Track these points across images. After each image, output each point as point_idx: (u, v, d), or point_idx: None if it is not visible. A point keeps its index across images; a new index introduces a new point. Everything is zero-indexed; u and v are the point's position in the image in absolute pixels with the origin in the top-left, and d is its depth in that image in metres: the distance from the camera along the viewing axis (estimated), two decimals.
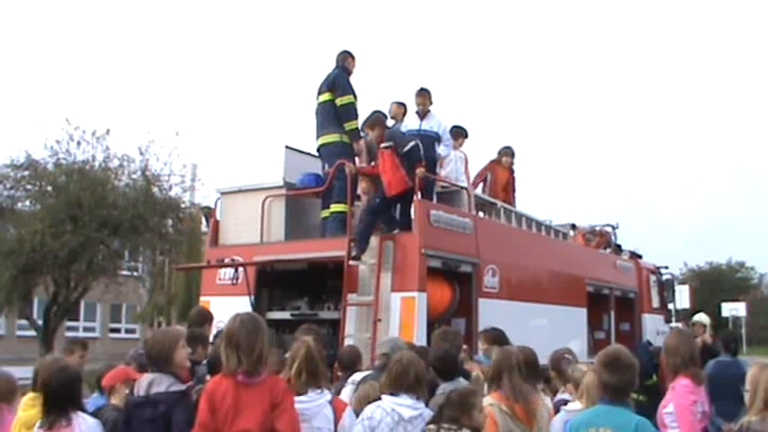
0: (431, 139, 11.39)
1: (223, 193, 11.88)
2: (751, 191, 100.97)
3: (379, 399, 5.92)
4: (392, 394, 5.83)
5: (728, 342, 10.93)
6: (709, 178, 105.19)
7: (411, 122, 11.49)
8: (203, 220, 16.65)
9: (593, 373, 6.12)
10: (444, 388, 6.70)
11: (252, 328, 5.18)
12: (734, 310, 49.51)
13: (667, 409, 6.63)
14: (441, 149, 11.72)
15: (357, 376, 7.43)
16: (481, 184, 14.06)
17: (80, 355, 8.20)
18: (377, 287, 9.89)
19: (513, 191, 14.32)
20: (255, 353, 5.08)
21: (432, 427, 5.60)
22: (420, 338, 9.32)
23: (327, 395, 5.72)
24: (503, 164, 14.32)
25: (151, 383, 5.45)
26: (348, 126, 10.96)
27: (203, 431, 4.98)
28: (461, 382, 6.94)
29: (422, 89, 11.72)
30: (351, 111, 11.07)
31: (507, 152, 14.40)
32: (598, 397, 5.50)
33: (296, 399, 5.41)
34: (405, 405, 5.74)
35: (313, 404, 5.56)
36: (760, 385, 5.09)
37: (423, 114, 11.59)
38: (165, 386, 5.40)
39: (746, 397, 5.22)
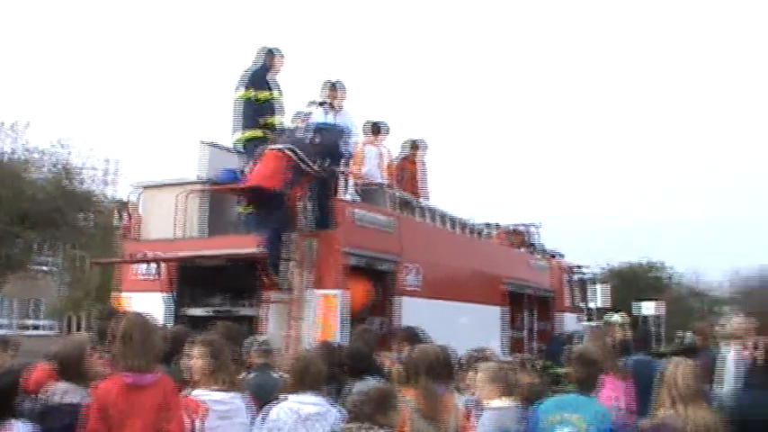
0: (341, 134, 11.16)
1: (143, 188, 11.73)
2: (672, 192, 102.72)
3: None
4: (294, 393, 5.82)
5: (643, 341, 11.16)
6: (630, 178, 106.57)
7: (321, 116, 11.27)
8: (119, 214, 16.45)
9: (482, 372, 6.49)
10: (357, 387, 6.71)
11: (143, 326, 5.23)
12: (649, 308, 50.47)
13: None
14: (350, 146, 11.48)
15: None
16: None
17: (11, 355, 8.09)
18: (297, 285, 9.88)
19: (424, 182, 14.14)
20: (146, 350, 5.10)
21: (349, 425, 5.54)
22: (340, 337, 9.33)
23: (242, 394, 5.84)
24: (412, 158, 14.15)
25: (65, 392, 5.36)
26: (268, 122, 10.91)
27: None
28: (372, 380, 6.91)
29: (335, 82, 11.50)
30: (271, 106, 11.02)
31: (419, 145, 14.22)
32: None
33: (222, 398, 5.55)
34: (307, 403, 5.75)
35: (238, 401, 5.70)
36: (669, 381, 5.17)
37: (334, 108, 11.36)
38: (79, 398, 5.30)
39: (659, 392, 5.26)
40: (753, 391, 5.88)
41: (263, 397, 6.06)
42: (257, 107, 11.00)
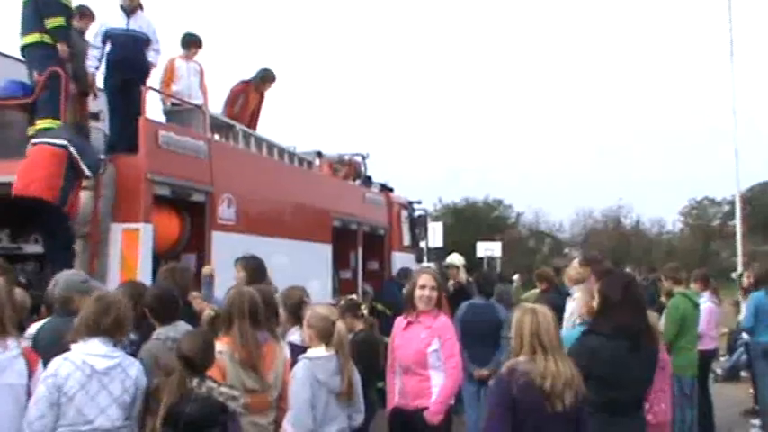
0: (140, 41, 10.18)
1: None
2: (513, 129, 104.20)
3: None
4: (83, 341, 5.06)
5: (483, 284, 10.87)
6: (469, 114, 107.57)
7: (115, 20, 10.14)
8: None
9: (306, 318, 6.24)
10: (159, 333, 6.07)
11: None
12: (489, 250, 50.58)
13: (433, 346, 6.75)
14: (150, 55, 10.41)
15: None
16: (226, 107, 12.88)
17: None
18: (94, 217, 8.87)
19: (258, 116, 13.33)
20: None
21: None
22: (145, 276, 8.49)
23: (17, 347, 5.06)
24: (258, 88, 13.22)
25: None
26: (50, 23, 9.50)
27: None
28: (182, 325, 6.25)
29: None
30: (53, 6, 9.61)
31: (270, 77, 13.31)
32: None
33: None
34: (98, 355, 5.02)
35: (2, 357, 4.95)
36: (525, 330, 4.93)
37: (130, 11, 10.16)
38: None
39: (512, 342, 5.09)
40: (585, 336, 5.74)
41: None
42: (40, 7, 9.56)
